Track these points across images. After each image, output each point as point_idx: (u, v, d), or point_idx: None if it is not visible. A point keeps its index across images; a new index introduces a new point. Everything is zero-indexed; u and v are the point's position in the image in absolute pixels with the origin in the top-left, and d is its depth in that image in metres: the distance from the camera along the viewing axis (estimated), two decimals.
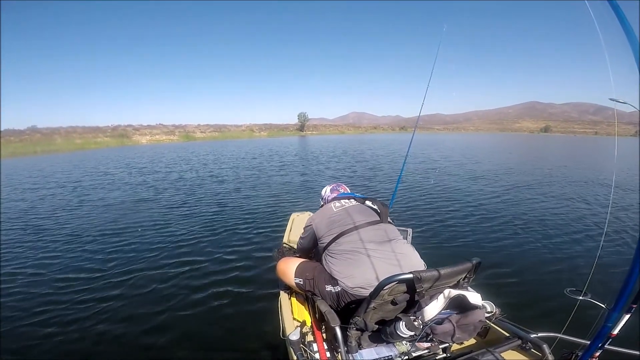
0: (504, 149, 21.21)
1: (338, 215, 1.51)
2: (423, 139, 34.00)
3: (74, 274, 3.04)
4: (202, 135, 57.45)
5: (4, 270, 3.17)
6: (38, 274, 3.07)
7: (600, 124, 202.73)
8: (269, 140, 43.03)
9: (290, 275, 1.56)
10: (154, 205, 5.77)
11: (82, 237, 4.12)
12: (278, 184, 7.73)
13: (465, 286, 1.20)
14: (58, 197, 6.93)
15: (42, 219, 5.09)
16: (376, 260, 1.30)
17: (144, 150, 26.71)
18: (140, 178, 9.44)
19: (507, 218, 4.54)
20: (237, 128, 70.67)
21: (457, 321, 1.06)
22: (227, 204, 5.74)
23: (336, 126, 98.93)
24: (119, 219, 4.91)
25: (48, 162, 17.19)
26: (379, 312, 1.17)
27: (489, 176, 8.58)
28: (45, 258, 3.46)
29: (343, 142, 31.12)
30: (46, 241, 4.01)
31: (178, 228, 4.33)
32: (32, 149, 30.48)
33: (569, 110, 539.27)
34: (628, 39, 0.72)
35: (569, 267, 3.00)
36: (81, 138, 41.61)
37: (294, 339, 1.18)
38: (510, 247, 3.49)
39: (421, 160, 12.18)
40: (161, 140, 48.18)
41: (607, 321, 0.85)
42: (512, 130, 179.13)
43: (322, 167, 11.01)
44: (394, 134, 68.28)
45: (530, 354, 1.17)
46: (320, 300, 1.37)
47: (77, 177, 10.18)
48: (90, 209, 5.67)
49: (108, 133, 48.68)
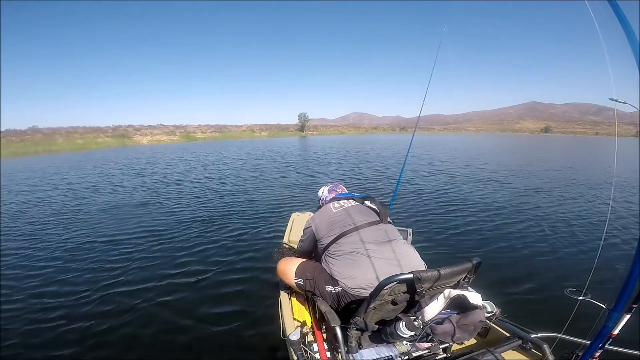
0: (505, 150, 21.19)
1: (338, 216, 1.51)
2: (425, 140, 33.98)
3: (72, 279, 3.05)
4: (203, 135, 57.51)
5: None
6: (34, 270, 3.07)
7: (601, 124, 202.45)
8: (269, 140, 43.05)
9: (290, 275, 1.56)
10: (154, 205, 5.77)
11: (80, 241, 4.13)
12: (278, 185, 7.73)
13: (466, 286, 1.20)
14: (56, 199, 6.94)
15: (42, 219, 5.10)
16: (376, 261, 1.30)
17: (144, 150, 26.75)
18: (139, 179, 9.45)
19: (507, 218, 4.54)
20: (238, 128, 70.73)
21: (457, 321, 1.06)
22: (227, 203, 5.74)
23: (336, 126, 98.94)
24: (121, 221, 4.92)
25: (48, 162, 17.22)
26: (379, 312, 1.17)
27: (489, 176, 8.57)
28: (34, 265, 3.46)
29: (344, 142, 31.12)
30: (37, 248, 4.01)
31: (177, 228, 4.33)
32: (33, 149, 30.55)
33: (570, 110, 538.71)
34: (628, 39, 0.72)
35: (569, 267, 2.99)
36: (82, 138, 41.69)
37: (294, 339, 1.18)
38: (510, 247, 3.49)
39: (428, 162, 12.12)
40: (162, 141, 48.23)
41: (608, 321, 0.85)
42: (513, 130, 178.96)
43: (329, 169, 10.96)
44: (394, 135, 68.26)
45: (531, 354, 1.17)
46: (320, 300, 1.37)
47: (74, 179, 10.18)
48: (87, 213, 5.67)
49: (109, 133, 48.75)
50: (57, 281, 2.90)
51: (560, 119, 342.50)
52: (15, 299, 2.61)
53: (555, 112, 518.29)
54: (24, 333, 2.17)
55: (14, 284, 2.89)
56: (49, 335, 2.14)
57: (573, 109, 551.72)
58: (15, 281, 2.93)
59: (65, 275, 3.01)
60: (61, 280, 2.92)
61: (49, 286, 2.82)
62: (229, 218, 4.76)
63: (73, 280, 2.90)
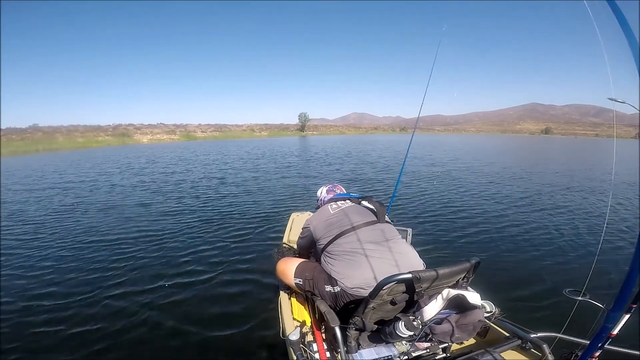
0: (506, 151, 21.18)
1: (335, 216, 1.52)
2: (426, 140, 33.93)
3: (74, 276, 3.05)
4: (203, 134, 57.59)
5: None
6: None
7: (601, 125, 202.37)
8: (269, 140, 43.05)
9: (289, 275, 1.56)
10: (154, 205, 5.77)
11: (78, 242, 4.12)
12: (278, 185, 7.73)
13: (465, 286, 1.20)
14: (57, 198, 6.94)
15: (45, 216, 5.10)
16: (375, 261, 1.30)
17: (145, 149, 26.75)
18: (138, 178, 9.45)
19: (507, 218, 4.54)
20: (238, 128, 70.82)
21: (456, 321, 1.06)
22: (227, 204, 5.74)
23: (337, 127, 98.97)
24: (121, 221, 4.92)
25: (48, 161, 17.21)
26: (378, 312, 1.17)
27: (489, 177, 8.57)
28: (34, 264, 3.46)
29: (345, 142, 31.10)
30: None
31: (177, 228, 4.33)
32: (34, 148, 30.58)
33: (570, 112, 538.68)
34: (627, 39, 0.72)
35: (568, 267, 2.99)
36: (83, 137, 41.74)
37: (293, 339, 1.18)
38: (509, 247, 3.48)
39: (430, 163, 12.09)
40: (162, 140, 48.27)
41: (607, 321, 0.85)
42: (513, 131, 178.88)
43: (330, 169, 10.93)
44: (394, 135, 68.26)
45: (530, 354, 1.17)
46: (319, 300, 1.37)
47: (73, 178, 10.18)
48: (86, 213, 5.68)
49: (109, 132, 48.81)
50: (56, 283, 2.87)
51: (561, 120, 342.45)
52: (14, 300, 2.61)
53: (555, 113, 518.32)
54: (24, 335, 2.16)
55: (14, 284, 2.89)
56: (50, 339, 2.12)
57: (573, 110, 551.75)
58: (16, 281, 2.94)
59: (63, 277, 2.98)
60: (60, 282, 2.89)
61: (48, 287, 2.80)
62: (228, 218, 4.75)
63: (68, 283, 2.87)
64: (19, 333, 2.17)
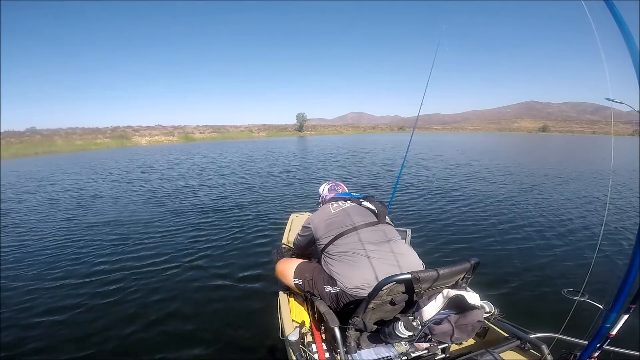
0: (504, 149, 21.21)
1: (336, 216, 1.51)
2: (425, 140, 33.91)
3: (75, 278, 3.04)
4: (201, 136, 57.48)
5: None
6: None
7: (598, 123, 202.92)
8: (268, 140, 43.00)
9: (289, 276, 1.56)
10: (153, 205, 5.76)
11: (75, 239, 4.11)
12: (277, 185, 7.72)
13: (464, 286, 1.20)
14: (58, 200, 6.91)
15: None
16: (375, 261, 1.30)
17: (143, 151, 26.68)
18: (138, 178, 9.42)
19: (506, 218, 4.54)
20: (236, 129, 70.71)
21: (455, 321, 1.06)
22: (226, 204, 5.73)
23: (335, 126, 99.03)
24: (120, 221, 4.91)
25: (48, 164, 17.15)
26: (378, 312, 1.17)
27: (488, 177, 8.59)
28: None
29: (343, 142, 31.08)
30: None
31: (176, 228, 4.32)
32: (32, 150, 30.46)
33: (568, 109, 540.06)
34: (625, 39, 0.72)
35: (566, 267, 3.00)
36: (81, 139, 41.61)
37: (293, 339, 1.18)
38: (508, 247, 3.48)
39: (430, 163, 12.06)
40: (160, 141, 48.17)
41: (605, 321, 0.85)
42: (511, 130, 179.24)
43: (331, 169, 10.92)
44: (392, 134, 68.28)
45: (529, 354, 1.17)
46: (319, 300, 1.37)
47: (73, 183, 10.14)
48: (84, 216, 5.66)
49: (108, 134, 48.66)
50: (56, 285, 2.88)
51: (558, 118, 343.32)
52: (13, 302, 2.60)
53: (552, 111, 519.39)
54: (24, 337, 2.16)
55: (13, 284, 2.88)
56: (50, 341, 2.12)
57: (570, 108, 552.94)
58: (14, 281, 2.92)
59: (61, 281, 3.00)
60: (59, 284, 2.90)
61: (48, 288, 2.81)
62: (227, 218, 4.75)
63: (68, 286, 2.89)
64: (16, 333, 2.17)
